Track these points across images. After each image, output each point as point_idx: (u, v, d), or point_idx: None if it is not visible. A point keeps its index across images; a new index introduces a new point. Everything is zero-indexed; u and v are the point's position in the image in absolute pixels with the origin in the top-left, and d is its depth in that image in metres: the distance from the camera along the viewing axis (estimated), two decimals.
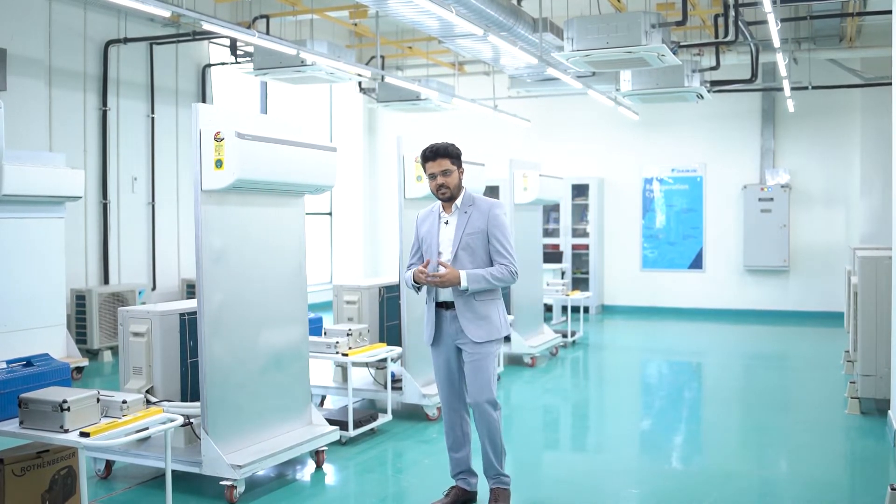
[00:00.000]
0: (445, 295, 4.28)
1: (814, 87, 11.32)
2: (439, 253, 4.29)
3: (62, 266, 7.76)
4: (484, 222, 4.25)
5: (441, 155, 4.26)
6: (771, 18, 7.12)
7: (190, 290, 10.23)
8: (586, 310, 12.28)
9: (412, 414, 6.43)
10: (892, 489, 4.03)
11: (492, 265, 4.25)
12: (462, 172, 4.35)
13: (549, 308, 11.37)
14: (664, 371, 9.29)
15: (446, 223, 4.33)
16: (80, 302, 8.80)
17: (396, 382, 6.41)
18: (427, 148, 4.30)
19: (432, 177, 4.28)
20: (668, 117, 13.10)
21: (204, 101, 10.83)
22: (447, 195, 4.29)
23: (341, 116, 14.34)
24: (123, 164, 9.86)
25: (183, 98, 10.62)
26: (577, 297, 10.32)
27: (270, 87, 12.55)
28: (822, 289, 12.47)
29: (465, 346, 4.27)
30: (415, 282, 4.27)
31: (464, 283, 4.14)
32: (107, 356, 8.76)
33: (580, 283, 13.34)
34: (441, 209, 4.39)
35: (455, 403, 4.40)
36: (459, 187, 4.32)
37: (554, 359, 9.22)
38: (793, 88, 10.98)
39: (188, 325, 5.03)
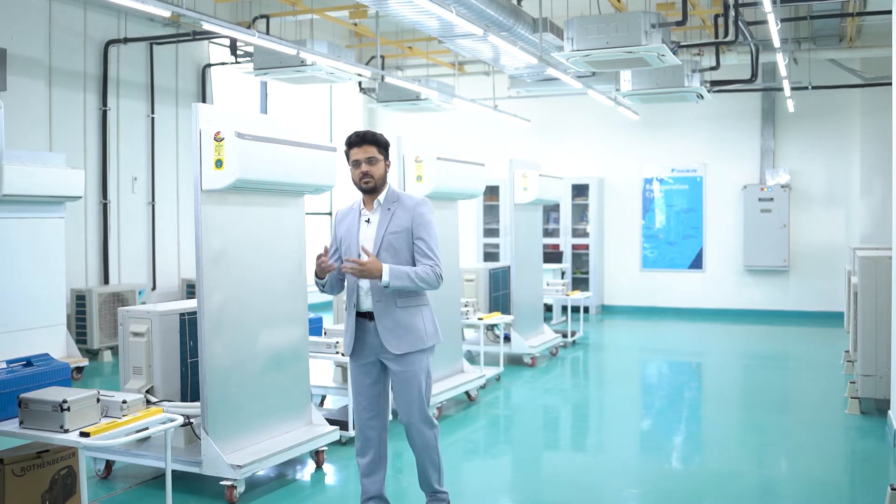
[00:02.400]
0: (367, 304, 3.92)
1: (814, 87, 11.32)
2: (359, 254, 3.91)
3: (62, 266, 7.76)
4: (408, 220, 3.93)
5: (368, 141, 3.93)
6: (771, 18, 7.12)
7: (190, 290, 10.22)
8: (586, 310, 12.27)
9: None
10: (893, 489, 4.03)
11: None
12: (388, 166, 4.02)
13: (549, 308, 11.36)
14: (664, 371, 9.29)
15: (367, 221, 3.98)
16: (80, 302, 8.80)
17: None
18: (353, 133, 3.98)
19: (356, 164, 3.93)
20: (668, 117, 13.10)
21: (204, 101, 10.83)
22: (371, 185, 3.93)
23: (341, 116, 14.34)
24: (123, 164, 9.86)
25: (183, 98, 10.62)
26: (577, 297, 10.32)
27: (270, 87, 12.55)
28: (822, 289, 12.46)
29: (389, 361, 3.94)
30: (317, 276, 3.94)
31: (385, 278, 3.77)
32: (107, 356, 8.76)
33: (580, 283, 13.34)
34: (362, 206, 4.03)
35: (371, 422, 4.03)
36: (384, 181, 3.99)
37: (554, 359, 9.22)
38: (793, 88, 10.98)
39: (188, 325, 5.03)
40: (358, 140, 3.94)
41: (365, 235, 3.96)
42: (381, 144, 3.97)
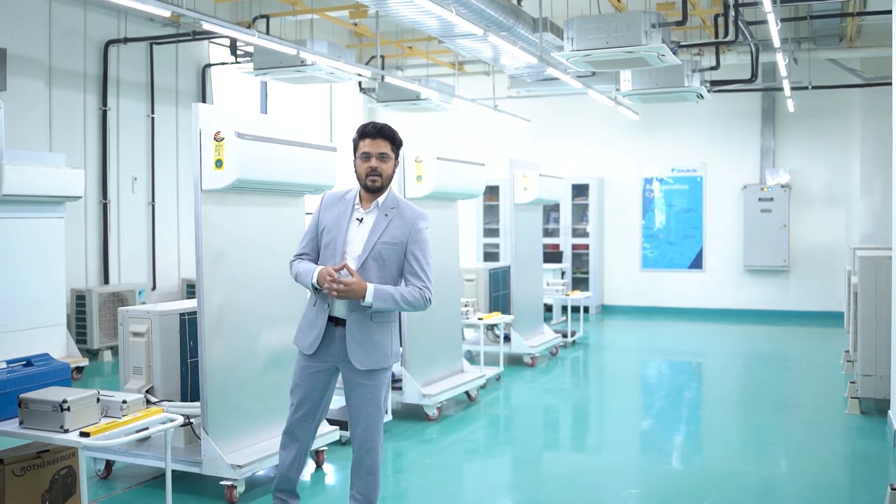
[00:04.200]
0: (342, 310, 3.63)
1: (814, 87, 11.32)
2: (344, 253, 3.63)
3: (62, 266, 7.76)
4: (405, 234, 3.62)
5: (385, 136, 3.64)
6: (771, 18, 7.12)
7: (190, 290, 10.22)
8: (586, 310, 12.28)
9: (412, 414, 6.43)
10: (893, 489, 4.03)
11: (400, 281, 3.64)
12: (396, 166, 3.75)
13: (549, 308, 11.36)
14: (664, 371, 9.29)
15: (360, 220, 3.66)
16: (80, 302, 8.80)
17: (396, 382, 6.40)
18: (370, 123, 3.67)
19: (366, 157, 3.62)
20: (668, 117, 13.09)
21: (204, 101, 10.82)
22: (377, 184, 3.62)
23: (341, 116, 14.34)
24: (123, 164, 9.86)
25: (183, 98, 10.62)
26: (577, 296, 10.32)
27: (270, 87, 12.54)
28: (822, 289, 12.46)
29: (348, 373, 3.69)
30: (318, 283, 3.55)
31: (368, 299, 3.49)
32: (107, 356, 8.76)
33: (580, 283, 13.34)
34: (357, 201, 3.71)
35: (306, 423, 3.84)
36: (390, 181, 3.70)
37: (554, 359, 9.22)
38: (793, 88, 10.98)
39: (188, 325, 5.03)
40: (374, 132, 3.63)
41: (354, 236, 3.66)
42: (397, 143, 3.72)
